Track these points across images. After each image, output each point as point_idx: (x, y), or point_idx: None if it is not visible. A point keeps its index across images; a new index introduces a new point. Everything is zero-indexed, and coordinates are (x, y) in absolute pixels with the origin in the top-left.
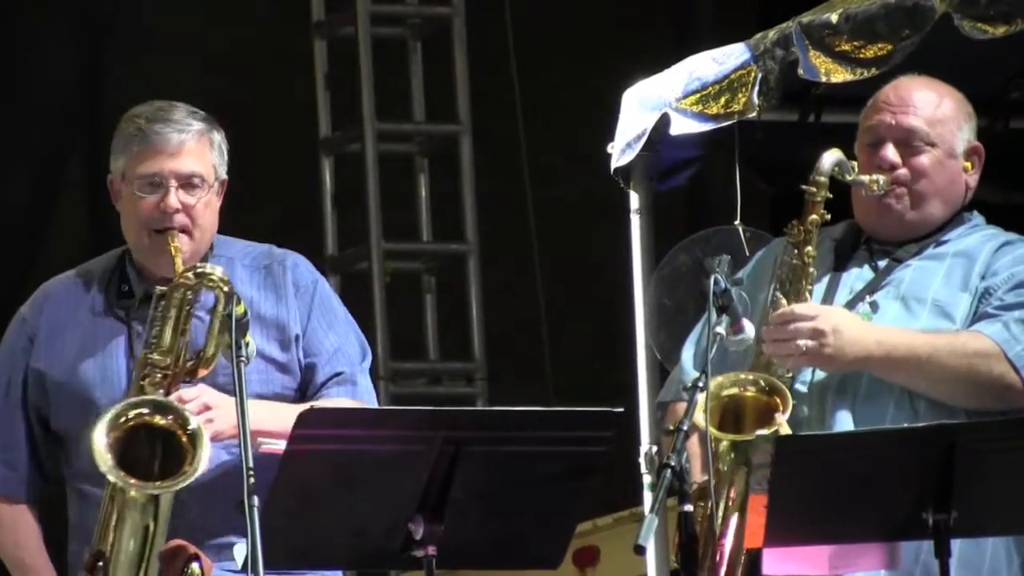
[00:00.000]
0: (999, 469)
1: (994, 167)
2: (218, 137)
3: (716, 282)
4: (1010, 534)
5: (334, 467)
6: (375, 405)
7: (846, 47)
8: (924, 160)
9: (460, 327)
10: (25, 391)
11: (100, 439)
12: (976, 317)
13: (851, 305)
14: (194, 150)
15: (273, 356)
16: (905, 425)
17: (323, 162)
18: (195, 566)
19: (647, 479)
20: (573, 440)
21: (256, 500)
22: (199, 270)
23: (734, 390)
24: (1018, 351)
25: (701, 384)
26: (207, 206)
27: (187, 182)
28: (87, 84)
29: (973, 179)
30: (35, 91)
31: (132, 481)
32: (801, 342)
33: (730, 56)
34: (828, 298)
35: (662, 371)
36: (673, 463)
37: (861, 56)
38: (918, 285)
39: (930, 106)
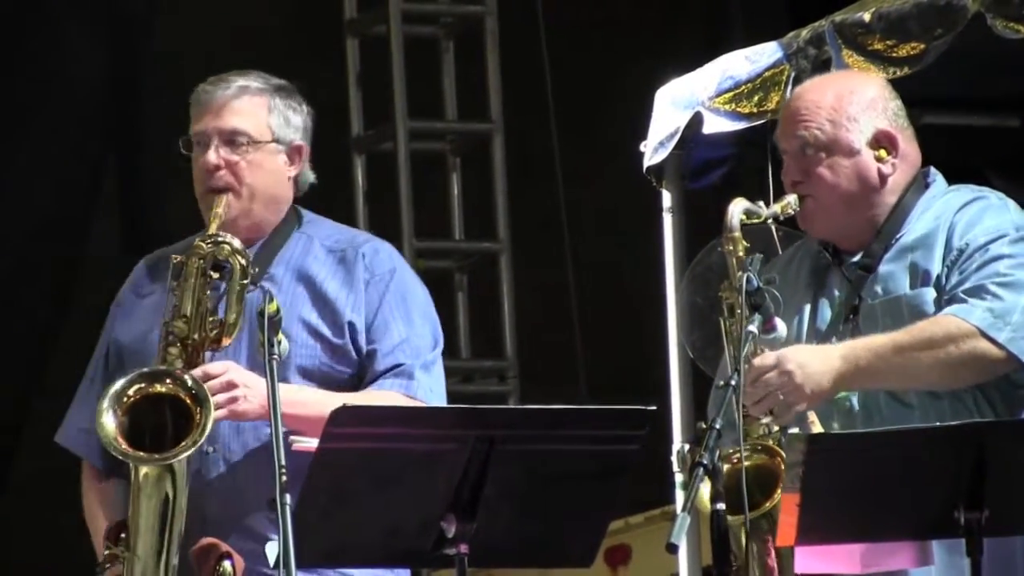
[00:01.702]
0: None
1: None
2: (281, 102)
3: (749, 280)
4: None
5: (367, 465)
6: (433, 401)
7: (879, 46)
8: (821, 169)
9: (492, 325)
10: (107, 361)
11: (108, 422)
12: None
13: (834, 326)
14: (239, 108)
15: (324, 334)
16: (937, 423)
17: (355, 161)
18: (227, 564)
19: (679, 478)
20: (605, 439)
21: (288, 498)
22: (216, 238)
23: (726, 467)
24: (979, 315)
25: (733, 383)
26: (256, 165)
27: (229, 139)
28: (120, 87)
29: (889, 166)
30: (68, 95)
31: (141, 455)
32: (776, 392)
33: (763, 55)
34: (811, 325)
35: (695, 369)
36: (705, 462)
37: (894, 55)
38: (889, 294)
39: (817, 111)
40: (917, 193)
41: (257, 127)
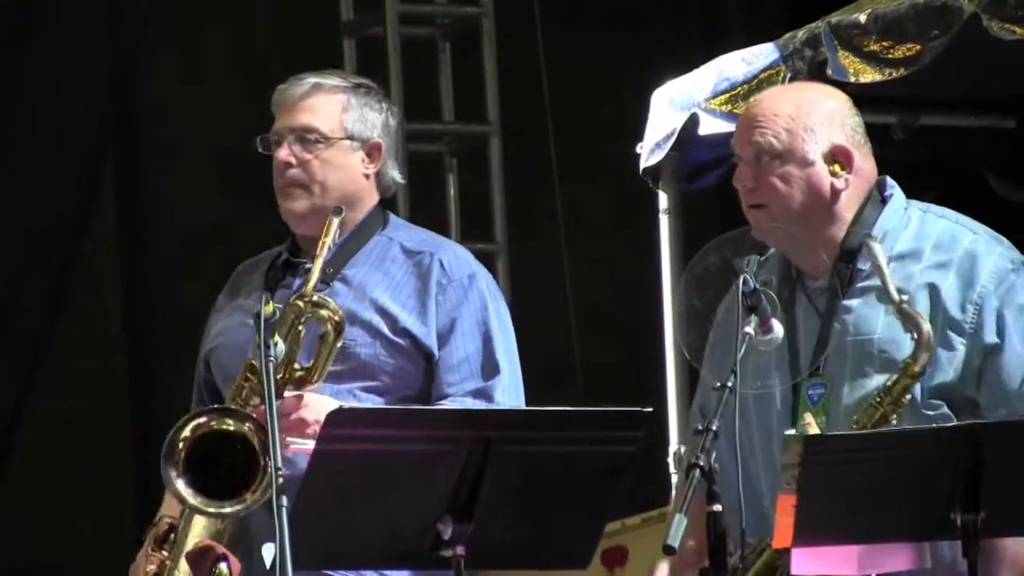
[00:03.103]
0: None
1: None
2: (357, 100)
3: (745, 282)
4: None
5: (363, 467)
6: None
7: (875, 47)
8: (774, 178)
9: None
10: (207, 366)
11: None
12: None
13: (812, 367)
14: (311, 105)
15: (384, 332)
16: (934, 425)
17: None
18: (223, 566)
19: (675, 479)
20: (602, 440)
21: (285, 500)
22: (315, 299)
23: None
24: None
25: (730, 385)
26: (327, 162)
27: (301, 136)
28: (119, 87)
29: (843, 182)
30: (66, 96)
31: (209, 508)
32: None
33: (759, 56)
34: (793, 363)
35: (691, 371)
36: (702, 463)
37: (890, 56)
38: (861, 335)
39: (774, 119)
40: (875, 208)
41: (329, 124)
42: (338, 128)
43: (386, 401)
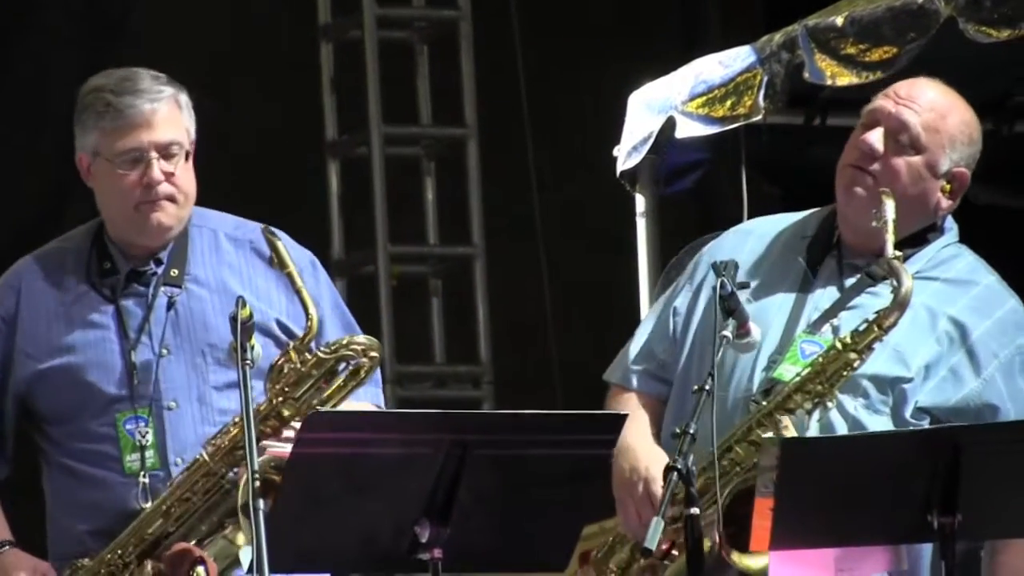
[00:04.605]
0: (1005, 472)
1: (999, 171)
2: (184, 98)
3: (723, 285)
4: (1015, 536)
5: (341, 470)
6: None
7: (852, 50)
8: (901, 163)
9: (466, 330)
10: (3, 372)
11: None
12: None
13: (815, 327)
14: (168, 117)
15: (273, 331)
16: (911, 428)
17: (329, 165)
18: (200, 569)
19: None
20: (580, 443)
21: (261, 503)
22: (370, 352)
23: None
24: None
25: (708, 388)
26: (186, 170)
27: (166, 151)
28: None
29: (947, 203)
30: (44, 98)
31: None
32: None
33: (736, 59)
34: (794, 318)
35: None
36: (679, 466)
37: (867, 59)
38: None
39: (934, 113)
40: (935, 233)
41: (182, 133)
42: (186, 135)
43: None
